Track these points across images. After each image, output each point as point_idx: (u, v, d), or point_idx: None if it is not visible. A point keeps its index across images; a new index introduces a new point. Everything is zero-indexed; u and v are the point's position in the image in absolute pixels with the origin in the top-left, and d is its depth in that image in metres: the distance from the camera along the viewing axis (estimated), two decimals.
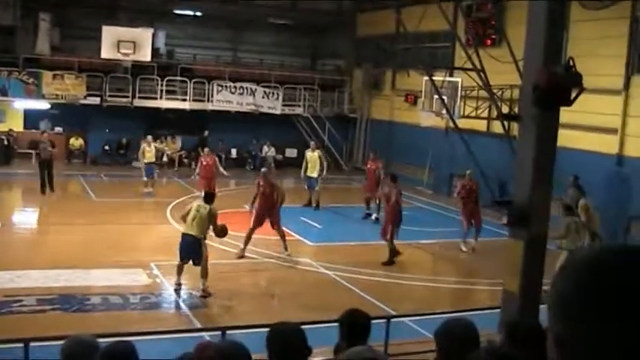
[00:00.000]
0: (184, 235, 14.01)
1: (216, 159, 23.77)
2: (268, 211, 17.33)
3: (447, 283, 16.48)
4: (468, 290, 16.26)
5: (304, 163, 23.57)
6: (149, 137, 25.90)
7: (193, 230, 13.86)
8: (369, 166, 23.17)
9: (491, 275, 16.02)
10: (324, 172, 23.48)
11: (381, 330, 9.34)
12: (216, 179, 22.72)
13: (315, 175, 23.21)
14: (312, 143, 25.16)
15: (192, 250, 13.88)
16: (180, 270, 14.03)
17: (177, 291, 14.04)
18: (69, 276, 14.54)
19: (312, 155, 23.55)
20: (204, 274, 13.88)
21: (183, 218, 14.24)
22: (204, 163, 23.01)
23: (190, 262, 13.94)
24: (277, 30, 38.40)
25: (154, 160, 25.11)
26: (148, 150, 24.85)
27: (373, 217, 21.92)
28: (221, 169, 23.42)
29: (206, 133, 31.97)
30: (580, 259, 1.46)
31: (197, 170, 23.47)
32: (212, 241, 17.62)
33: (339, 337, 4.74)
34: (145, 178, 24.63)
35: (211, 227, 14.10)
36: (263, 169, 18.87)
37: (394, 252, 17.61)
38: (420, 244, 19.75)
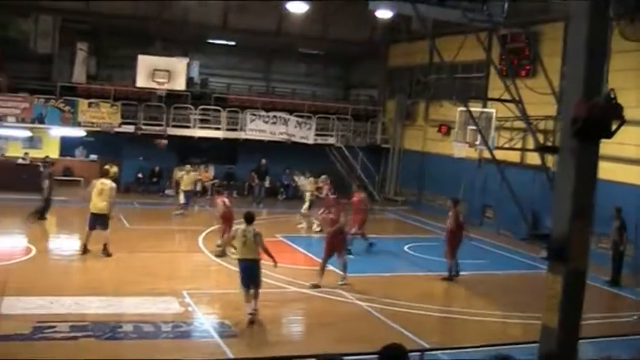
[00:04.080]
0: (242, 261, 14.37)
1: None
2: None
3: (480, 316, 16.23)
4: (501, 323, 16.00)
5: None
6: (187, 166, 27.17)
7: (249, 254, 14.27)
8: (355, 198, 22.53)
9: (524, 308, 15.79)
10: None
11: None
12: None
13: None
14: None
15: (250, 274, 14.26)
16: (248, 298, 14.25)
17: (252, 322, 13.98)
18: (101, 303, 14.58)
19: None
20: (257, 296, 14.28)
21: (230, 244, 15.21)
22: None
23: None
24: (310, 60, 38.69)
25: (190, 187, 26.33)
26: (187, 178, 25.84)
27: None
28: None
29: (263, 161, 31.88)
30: None
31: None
32: None
33: None
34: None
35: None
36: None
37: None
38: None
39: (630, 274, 20.28)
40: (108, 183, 19.08)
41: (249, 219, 14.58)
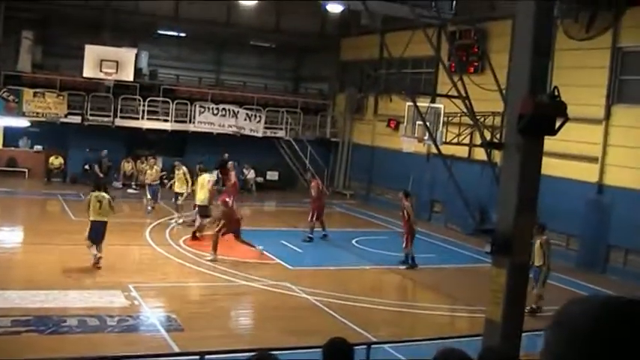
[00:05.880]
0: (96, 222, 16.81)
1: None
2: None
3: (426, 310, 16.41)
4: (447, 317, 16.21)
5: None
6: (151, 160, 26.76)
7: (104, 216, 16.93)
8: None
9: (470, 302, 15.99)
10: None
11: (361, 356, 9.25)
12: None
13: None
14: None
15: (102, 232, 16.87)
16: (93, 249, 16.84)
17: (100, 258, 16.82)
18: (45, 297, 14.32)
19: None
20: (101, 248, 16.96)
21: (87, 209, 17.03)
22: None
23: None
24: (260, 52, 38.52)
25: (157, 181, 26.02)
26: (150, 172, 25.67)
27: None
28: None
29: (226, 155, 31.38)
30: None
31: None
32: (192, 264, 17.53)
33: None
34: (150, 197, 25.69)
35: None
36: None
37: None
38: (399, 269, 19.69)
39: (574, 267, 20.75)
40: (207, 177, 21.85)
41: (99, 186, 17.80)
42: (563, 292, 18.14)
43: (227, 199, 19.30)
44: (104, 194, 17.17)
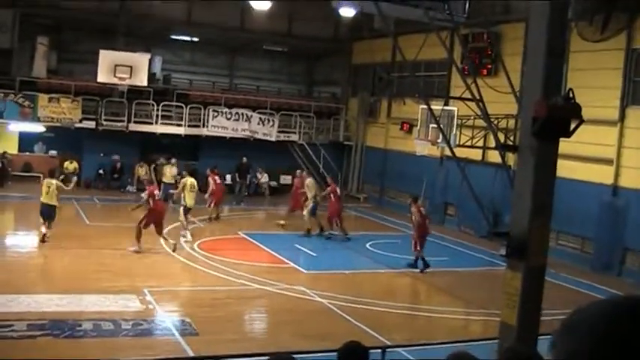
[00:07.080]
0: (45, 204, 19.26)
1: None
2: None
3: (440, 313, 16.35)
4: (462, 320, 16.15)
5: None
6: (173, 160, 27.79)
7: (52, 200, 19.29)
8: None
9: (485, 305, 15.93)
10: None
11: None
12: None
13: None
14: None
15: (50, 214, 19.31)
16: (44, 227, 19.31)
17: (45, 235, 19.29)
18: (60, 301, 14.39)
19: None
20: (51, 227, 19.44)
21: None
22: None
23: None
24: (273, 56, 38.58)
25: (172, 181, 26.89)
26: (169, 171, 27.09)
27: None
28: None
29: (245, 159, 31.56)
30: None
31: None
32: (204, 267, 17.59)
33: None
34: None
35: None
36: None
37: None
38: (413, 272, 19.64)
39: (589, 270, 20.65)
40: (312, 180, 24.12)
41: (52, 173, 20.28)
42: (577, 295, 18.09)
43: (155, 192, 20.06)
44: (52, 181, 19.65)
